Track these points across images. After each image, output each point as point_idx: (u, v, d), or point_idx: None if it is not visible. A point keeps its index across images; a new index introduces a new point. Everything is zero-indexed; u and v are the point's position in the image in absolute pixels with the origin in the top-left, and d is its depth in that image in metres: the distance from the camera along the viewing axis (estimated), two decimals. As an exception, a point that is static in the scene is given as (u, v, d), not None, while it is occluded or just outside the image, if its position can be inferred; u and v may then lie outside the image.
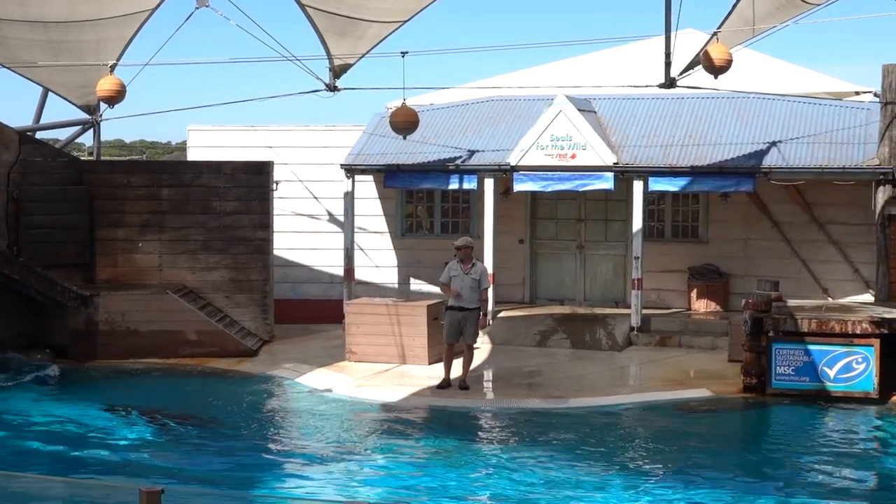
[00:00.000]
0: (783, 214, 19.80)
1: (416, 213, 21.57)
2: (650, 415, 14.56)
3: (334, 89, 18.42)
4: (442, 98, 22.20)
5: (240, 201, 19.22)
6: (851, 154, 18.28)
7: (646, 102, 20.24)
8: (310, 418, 14.55)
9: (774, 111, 19.52)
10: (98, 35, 17.86)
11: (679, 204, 20.43)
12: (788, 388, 15.10)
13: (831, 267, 19.53)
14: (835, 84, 22.11)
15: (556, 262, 21.04)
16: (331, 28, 17.35)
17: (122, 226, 19.16)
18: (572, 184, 19.02)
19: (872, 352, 14.86)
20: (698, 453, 12.80)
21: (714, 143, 18.93)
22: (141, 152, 47.99)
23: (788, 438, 13.77)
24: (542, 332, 18.93)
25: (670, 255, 20.18)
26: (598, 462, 12.32)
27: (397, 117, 18.37)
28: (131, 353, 17.86)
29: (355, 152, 20.19)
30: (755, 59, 21.26)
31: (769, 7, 15.80)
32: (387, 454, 12.76)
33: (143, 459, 12.58)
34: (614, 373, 17.08)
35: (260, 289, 19.16)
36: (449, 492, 11.35)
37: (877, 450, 13.34)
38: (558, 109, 18.86)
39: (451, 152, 19.70)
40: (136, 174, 19.55)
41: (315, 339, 19.51)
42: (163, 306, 18.19)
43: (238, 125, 21.80)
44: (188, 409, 14.99)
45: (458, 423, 14.16)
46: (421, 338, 17.28)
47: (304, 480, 11.74)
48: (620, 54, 22.29)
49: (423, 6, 17.42)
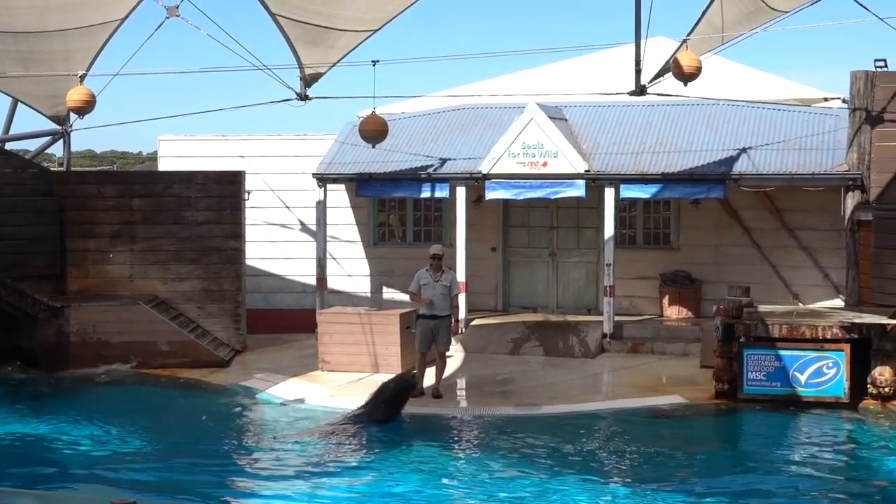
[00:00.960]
0: (754, 220, 19.90)
1: (388, 222, 21.56)
2: (623, 421, 14.57)
3: (305, 98, 18.41)
4: (413, 106, 22.21)
5: (211, 211, 19.17)
6: (821, 160, 18.39)
7: (616, 110, 20.32)
8: (282, 429, 14.48)
9: (744, 118, 19.63)
10: (67, 45, 17.80)
11: (650, 211, 20.51)
12: (760, 394, 15.15)
13: (802, 272, 19.64)
14: (803, 91, 22.25)
15: (529, 270, 21.08)
16: (302, 37, 17.34)
17: (93, 236, 19.08)
18: (544, 191, 19.07)
19: (843, 357, 14.94)
20: (670, 459, 12.83)
21: (684, 150, 19.01)
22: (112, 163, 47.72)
23: (760, 444, 13.84)
24: (515, 339, 18.94)
25: (642, 261, 20.25)
26: (572, 469, 12.33)
27: (367, 126, 18.37)
28: (103, 363, 17.75)
29: (327, 161, 20.18)
30: (725, 66, 21.38)
31: (738, 14, 15.90)
32: (358, 464, 12.73)
33: (114, 471, 12.49)
34: (587, 380, 17.11)
35: (232, 299, 19.11)
36: (423, 500, 11.34)
37: (847, 455, 13.40)
38: (529, 117, 18.91)
39: (422, 161, 19.71)
40: (107, 185, 19.47)
41: (288, 349, 19.46)
42: (134, 317, 18.11)
43: (209, 135, 21.74)
44: (159, 420, 14.92)
45: (431, 431, 14.14)
46: (394, 346, 17.26)
47: (276, 490, 11.70)
48: (591, 62, 22.38)
49: (393, 15, 17.45)
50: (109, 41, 18.12)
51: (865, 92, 17.89)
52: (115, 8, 17.01)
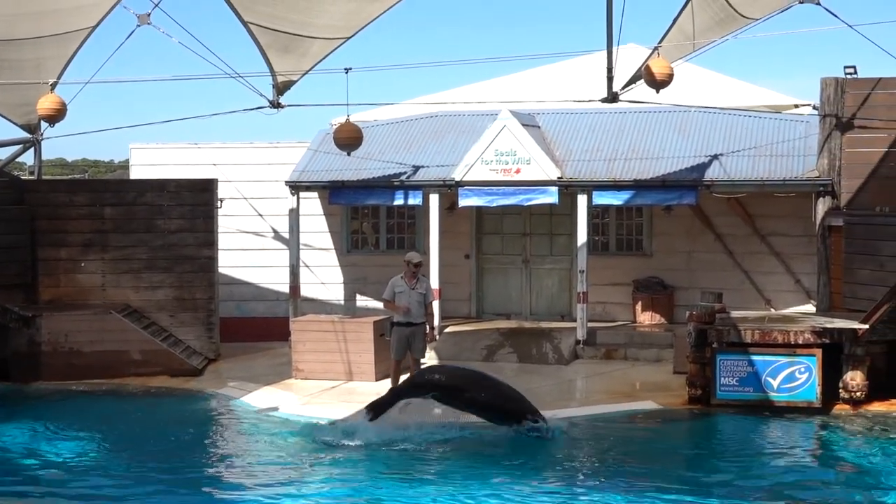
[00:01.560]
0: (726, 227, 19.99)
1: (361, 230, 21.54)
2: (597, 427, 14.59)
3: (278, 106, 18.38)
4: (386, 114, 22.22)
5: (184, 219, 19.10)
6: (792, 166, 18.50)
7: (589, 117, 20.39)
8: (255, 437, 14.43)
9: (716, 125, 19.73)
10: (38, 53, 17.70)
11: (623, 217, 20.58)
12: (733, 399, 15.21)
13: (773, 278, 19.74)
14: (774, 97, 22.38)
15: (502, 277, 21.11)
16: (274, 45, 17.32)
17: (65, 245, 18.97)
18: (517, 198, 19.11)
19: (815, 361, 15.02)
20: (644, 464, 12.85)
21: (657, 157, 19.09)
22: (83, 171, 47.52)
23: (732, 449, 13.87)
24: (488, 346, 18.96)
25: (615, 268, 20.31)
26: (544, 475, 12.34)
27: (340, 133, 18.35)
28: (74, 374, 17.65)
29: (300, 169, 20.15)
30: (696, 73, 21.48)
31: (709, 22, 15.98)
32: (332, 471, 12.70)
33: (84, 482, 12.41)
34: (561, 386, 17.13)
35: (205, 307, 19.05)
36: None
37: (819, 459, 13.48)
38: (502, 124, 18.95)
39: (396, 168, 19.71)
40: (79, 193, 19.37)
41: (261, 357, 19.40)
42: (106, 326, 18.02)
43: (181, 143, 21.67)
44: (131, 429, 14.83)
45: (406, 438, 14.08)
46: (367, 354, 17.25)
47: (249, 500, 11.65)
48: (563, 69, 22.43)
49: (366, 23, 17.44)
50: (80, 49, 18.03)
51: (835, 98, 18.03)
52: (86, 16, 16.93)
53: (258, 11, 16.30)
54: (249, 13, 16.27)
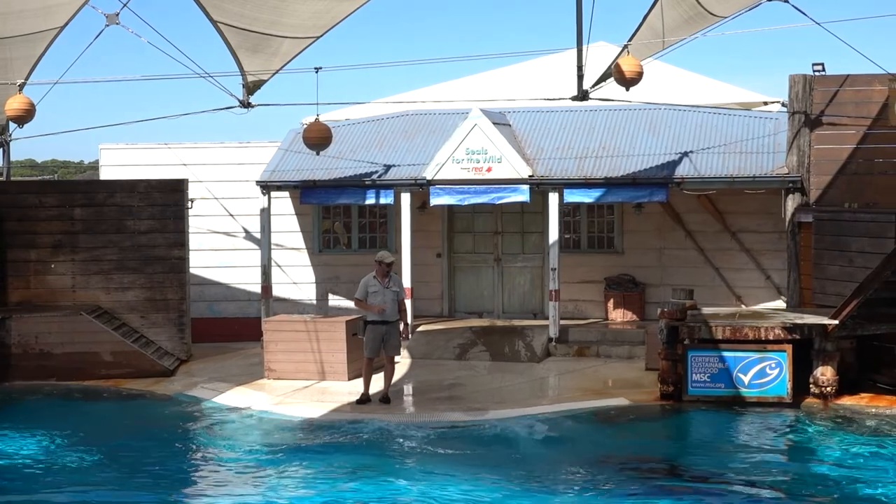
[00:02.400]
0: (696, 224, 20.08)
1: (333, 229, 21.51)
2: (569, 424, 14.64)
3: (248, 106, 18.32)
4: (357, 113, 22.21)
5: (154, 220, 19.03)
6: (761, 163, 18.60)
7: (559, 115, 20.43)
8: (227, 438, 14.39)
9: (686, 122, 19.81)
10: (5, 54, 17.57)
11: (594, 215, 20.63)
12: (704, 395, 15.29)
13: (744, 274, 19.84)
14: (744, 95, 22.47)
15: (474, 276, 21.13)
16: (243, 44, 17.26)
17: (35, 247, 18.85)
18: (488, 197, 19.14)
19: (785, 357, 15.11)
20: (616, 460, 12.90)
21: (627, 155, 19.15)
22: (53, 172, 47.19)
23: (703, 444, 13.97)
24: (461, 345, 18.97)
25: (586, 266, 20.36)
26: (519, 472, 12.36)
27: (310, 133, 18.33)
28: (45, 375, 17.57)
29: (271, 168, 20.12)
30: (666, 71, 21.56)
31: (678, 19, 16.04)
32: (306, 471, 12.68)
33: (54, 485, 12.35)
34: (533, 384, 17.17)
35: (176, 308, 18.97)
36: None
37: (789, 453, 13.57)
38: (473, 123, 18.97)
39: (367, 167, 19.70)
40: (48, 194, 19.26)
41: (233, 358, 19.35)
42: (77, 328, 17.92)
43: (151, 143, 21.60)
44: (100, 430, 14.76)
45: (378, 437, 14.11)
46: (340, 353, 17.22)
47: (221, 501, 11.62)
48: (534, 68, 22.48)
49: (336, 22, 17.40)
50: (49, 49, 17.92)
51: (804, 95, 18.14)
52: (54, 16, 16.82)
53: (227, 11, 16.24)
54: (219, 12, 16.21)
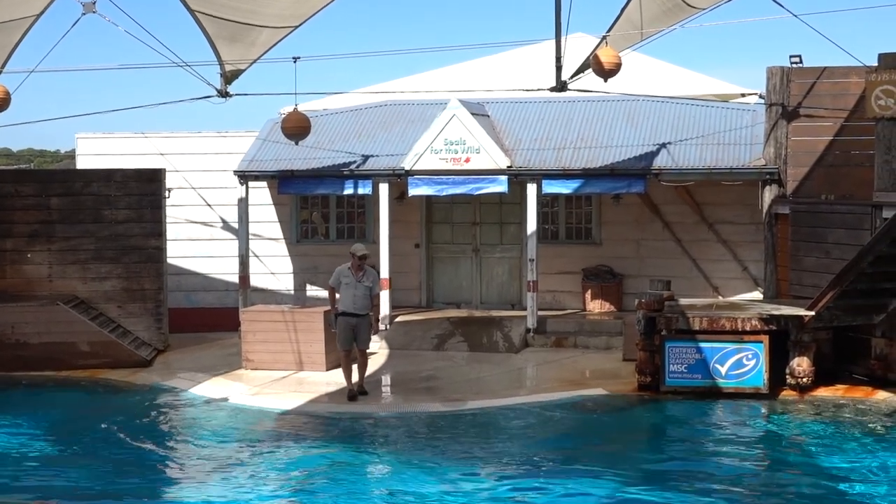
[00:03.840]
0: (674, 215, 20.13)
1: (311, 219, 21.48)
2: (547, 415, 14.67)
3: (226, 95, 18.22)
4: (336, 103, 22.16)
5: (131, 209, 18.96)
6: (739, 155, 18.66)
7: (538, 106, 20.44)
8: (205, 428, 14.36)
9: (664, 113, 19.84)
10: (-19, 42, 17.46)
11: (572, 206, 20.66)
12: (681, 386, 15.35)
13: (721, 266, 19.91)
14: (721, 86, 22.55)
15: (452, 266, 21.13)
16: (221, 33, 17.17)
17: (11, 236, 18.77)
18: (467, 187, 19.14)
19: (762, 348, 15.18)
20: (593, 450, 12.95)
21: (605, 146, 19.17)
22: (29, 161, 46.93)
23: (679, 435, 14.03)
24: (439, 335, 18.98)
25: (564, 256, 20.39)
26: (495, 462, 12.40)
27: (288, 123, 18.29)
28: (22, 366, 17.49)
29: (248, 158, 20.06)
30: (644, 62, 21.59)
31: (656, 11, 16.06)
32: (283, 461, 12.68)
33: (32, 475, 12.31)
34: (511, 374, 17.20)
35: (153, 298, 18.92)
36: (347, 497, 11.32)
37: (763, 444, 13.62)
38: (452, 114, 18.96)
39: (345, 157, 19.67)
40: (25, 183, 19.16)
41: (211, 348, 19.31)
42: (53, 318, 17.85)
43: (128, 132, 21.50)
44: (78, 422, 14.72)
45: (355, 428, 14.13)
46: (318, 344, 17.20)
47: (198, 491, 11.61)
48: (512, 58, 22.48)
49: (314, 11, 17.33)
50: (25, 38, 17.80)
51: (781, 87, 18.21)
52: (30, 4, 16.70)
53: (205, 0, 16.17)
54: (197, 1, 16.13)
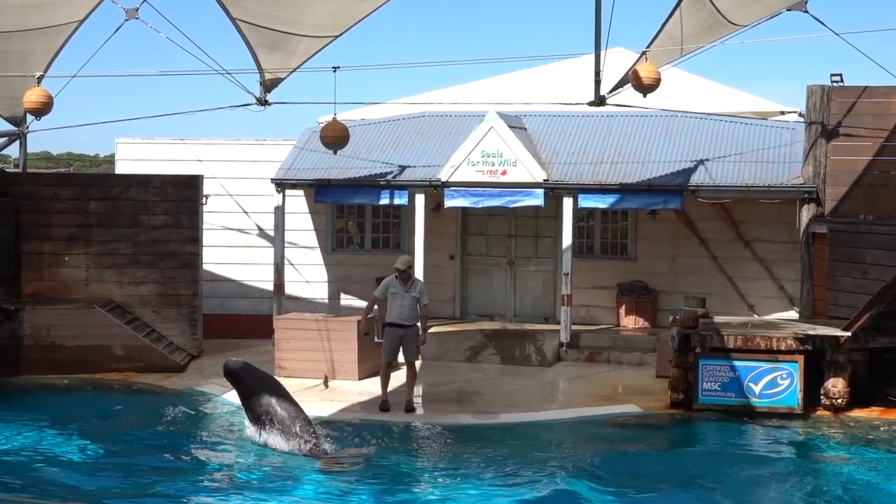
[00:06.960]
0: (710, 232, 20.04)
1: (346, 229, 21.53)
2: (579, 430, 14.63)
3: (265, 103, 18.30)
4: (373, 113, 22.19)
5: (168, 215, 19.06)
6: (777, 173, 18.55)
7: (576, 120, 20.40)
8: (236, 434, 14.39)
9: (702, 130, 19.76)
10: (25, 46, 17.61)
11: (608, 221, 20.61)
12: (714, 404, 15.26)
13: (757, 284, 19.79)
14: (760, 104, 22.41)
15: (487, 278, 21.12)
16: (262, 42, 17.26)
17: (49, 239, 18.91)
18: (503, 200, 19.12)
19: (797, 368, 15.07)
20: (625, 468, 12.88)
21: (643, 161, 19.12)
22: (68, 165, 47.29)
23: (712, 454, 13.90)
24: (472, 347, 18.96)
25: (599, 271, 20.33)
26: (528, 477, 12.35)
27: (327, 132, 18.34)
28: (56, 368, 17.60)
29: (286, 167, 20.13)
30: (683, 78, 21.50)
31: (697, 27, 16.00)
32: (312, 468, 12.69)
33: (68, 478, 12.38)
34: (544, 388, 17.16)
35: (188, 303, 19.00)
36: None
37: (797, 465, 13.49)
38: (489, 126, 18.96)
39: (382, 167, 19.70)
40: (63, 187, 19.31)
41: (244, 355, 19.14)
42: (89, 321, 17.96)
43: (167, 138, 21.63)
44: (113, 425, 14.79)
45: (387, 438, 14.12)
46: (351, 353, 17.23)
47: (228, 497, 11.64)
48: (551, 72, 22.43)
49: (355, 21, 17.39)
50: (68, 43, 17.95)
51: (821, 106, 18.10)
52: (73, 9, 16.86)
53: (247, 8, 16.25)
54: (238, 10, 16.22)
